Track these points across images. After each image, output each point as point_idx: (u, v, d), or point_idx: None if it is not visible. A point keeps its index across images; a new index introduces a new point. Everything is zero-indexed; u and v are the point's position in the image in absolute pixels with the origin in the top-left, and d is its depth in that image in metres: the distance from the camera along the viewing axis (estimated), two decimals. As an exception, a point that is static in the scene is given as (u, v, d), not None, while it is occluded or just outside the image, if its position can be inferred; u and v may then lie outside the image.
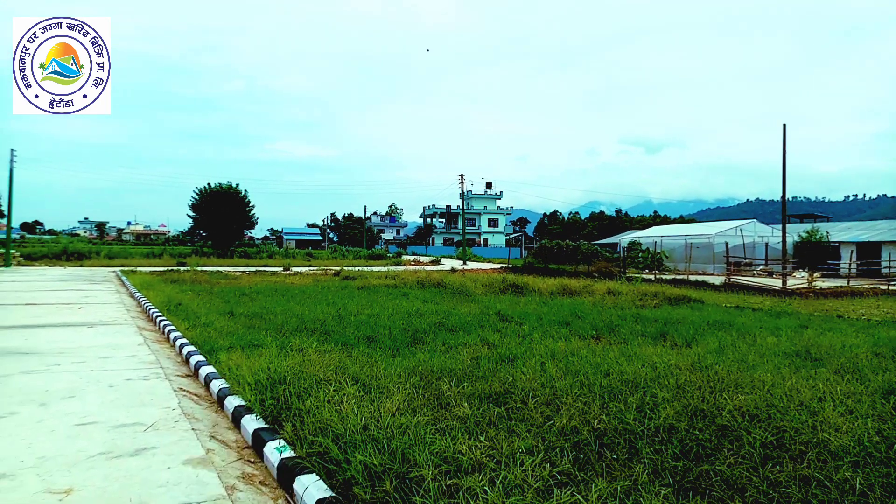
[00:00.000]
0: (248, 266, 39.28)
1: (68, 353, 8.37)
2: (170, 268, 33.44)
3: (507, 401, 5.27)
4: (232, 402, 5.63)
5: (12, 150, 39.71)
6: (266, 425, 4.86)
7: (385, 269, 34.76)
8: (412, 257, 64.89)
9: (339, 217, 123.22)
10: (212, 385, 6.42)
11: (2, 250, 38.26)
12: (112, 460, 4.34)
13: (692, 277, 29.37)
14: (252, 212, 57.79)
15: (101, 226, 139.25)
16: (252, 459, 4.52)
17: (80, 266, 38.26)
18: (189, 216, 56.52)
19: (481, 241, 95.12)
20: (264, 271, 32.11)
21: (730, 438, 4.31)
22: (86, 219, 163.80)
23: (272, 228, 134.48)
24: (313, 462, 3.94)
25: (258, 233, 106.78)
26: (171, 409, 5.71)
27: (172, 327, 10.28)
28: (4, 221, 51.99)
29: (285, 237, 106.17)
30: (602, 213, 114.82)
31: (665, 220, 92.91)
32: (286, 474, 3.93)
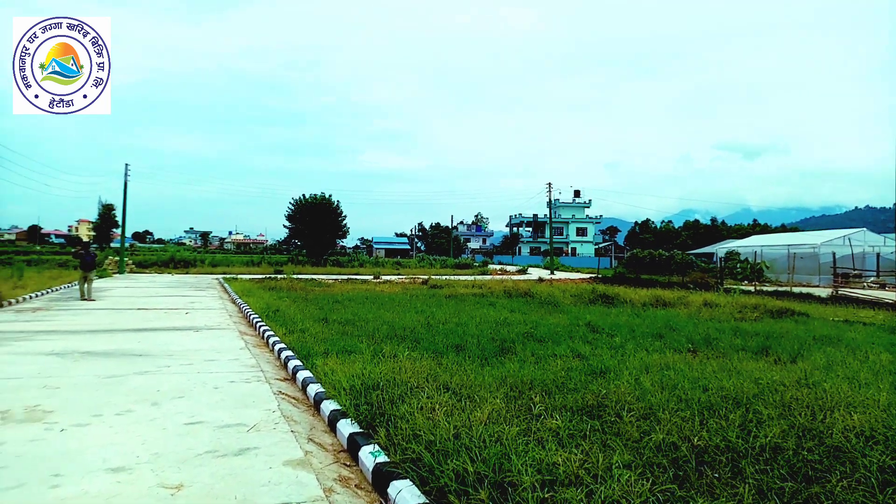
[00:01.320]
0: (340, 274, 40.46)
1: (177, 356, 8.90)
2: (268, 275, 34.98)
3: (600, 414, 5.18)
4: (328, 406, 5.81)
5: (126, 164, 42.73)
6: (360, 430, 4.99)
7: (471, 278, 34.91)
8: (498, 266, 64.79)
9: (427, 226, 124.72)
10: (308, 389, 6.65)
11: (117, 258, 41.27)
12: (218, 459, 4.57)
13: (795, 289, 27.77)
14: (344, 221, 59.54)
15: (204, 235, 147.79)
16: (348, 463, 4.65)
17: (186, 273, 40.65)
18: (285, 226, 58.98)
19: (569, 251, 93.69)
20: (355, 279, 32.97)
21: (842, 460, 4.05)
22: (191, 228, 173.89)
23: (362, 238, 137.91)
24: (407, 468, 4.01)
25: (349, 242, 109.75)
26: (272, 411, 5.96)
27: (271, 332, 10.73)
28: (119, 231, 55.98)
29: (375, 246, 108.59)
30: (696, 221, 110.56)
31: (765, 229, 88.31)
32: (381, 479, 4.02)
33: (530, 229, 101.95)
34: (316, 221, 56.54)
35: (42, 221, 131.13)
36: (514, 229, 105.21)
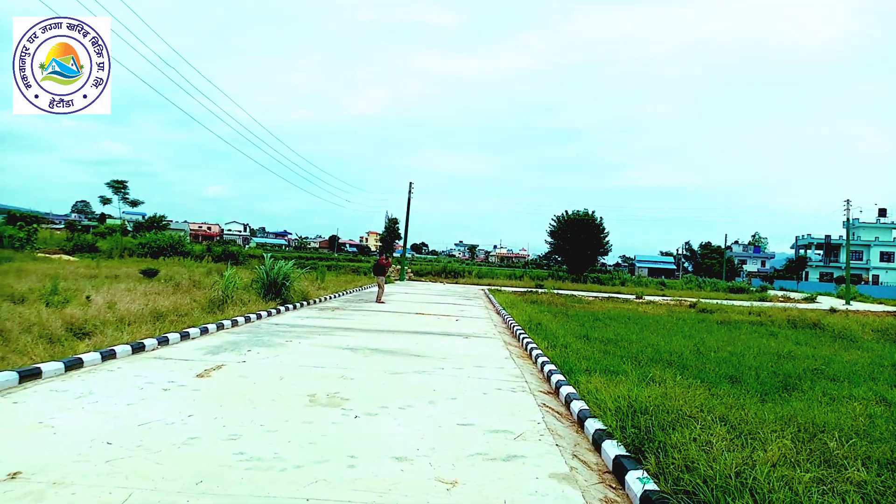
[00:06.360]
0: (600, 292, 39.96)
1: (449, 360, 9.56)
2: (529, 289, 35.94)
3: (920, 473, 4.35)
4: (592, 424, 5.75)
5: (410, 182, 47.93)
6: (627, 453, 4.85)
7: (748, 303, 31.89)
8: (780, 293, 58.30)
9: (695, 246, 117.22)
10: (572, 405, 6.65)
11: (399, 267, 46.07)
12: (487, 461, 4.80)
13: None
14: (606, 238, 58.90)
15: (472, 248, 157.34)
16: (613, 485, 4.54)
17: (455, 283, 43.72)
18: (547, 241, 60.26)
19: (870, 279, 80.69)
20: (616, 298, 32.25)
21: None
22: (460, 241, 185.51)
23: (624, 255, 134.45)
24: (679, 500, 3.79)
25: (610, 259, 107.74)
26: (536, 422, 6.08)
27: (534, 345, 10.97)
28: (401, 242, 62.27)
29: (637, 265, 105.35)
30: None
31: None
32: (650, 507, 3.85)
33: (820, 252, 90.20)
34: (577, 237, 56.85)
35: (340, 232, 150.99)
36: (801, 251, 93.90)
